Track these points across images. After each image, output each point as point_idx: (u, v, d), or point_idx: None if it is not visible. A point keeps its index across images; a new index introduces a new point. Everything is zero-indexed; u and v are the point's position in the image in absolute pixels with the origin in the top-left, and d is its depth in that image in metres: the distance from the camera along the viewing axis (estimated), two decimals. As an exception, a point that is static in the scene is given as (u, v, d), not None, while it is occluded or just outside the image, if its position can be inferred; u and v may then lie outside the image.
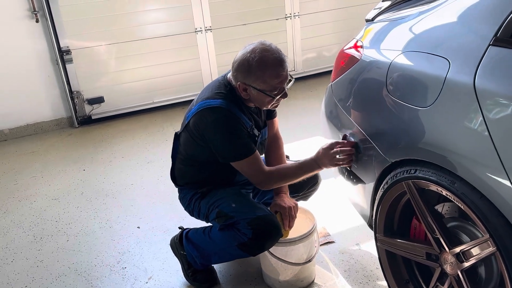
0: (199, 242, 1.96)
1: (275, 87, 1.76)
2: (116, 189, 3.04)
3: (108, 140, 3.93)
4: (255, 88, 1.76)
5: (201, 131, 1.81)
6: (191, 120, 1.84)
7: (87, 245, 2.44)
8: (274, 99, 1.80)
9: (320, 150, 1.79)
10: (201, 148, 1.86)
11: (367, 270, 2.04)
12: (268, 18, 4.69)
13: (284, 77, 1.77)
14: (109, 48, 4.21)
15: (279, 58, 1.74)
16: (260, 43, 1.77)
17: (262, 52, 1.73)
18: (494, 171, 1.18)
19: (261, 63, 1.71)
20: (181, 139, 1.96)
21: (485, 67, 1.25)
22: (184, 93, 4.60)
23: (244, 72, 1.74)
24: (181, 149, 1.98)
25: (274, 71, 1.73)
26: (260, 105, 1.86)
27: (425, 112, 1.40)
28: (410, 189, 1.50)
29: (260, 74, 1.72)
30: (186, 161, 1.96)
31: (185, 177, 2.00)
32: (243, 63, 1.74)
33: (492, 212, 1.22)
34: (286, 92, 1.81)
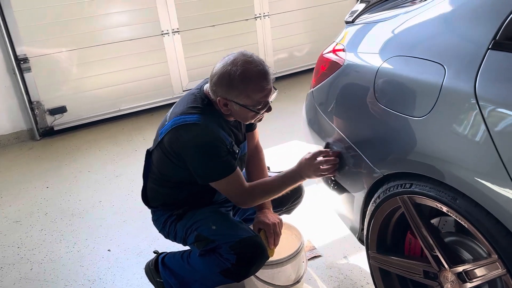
0: (177, 269, 1.80)
1: (259, 102, 1.61)
2: (83, 207, 2.83)
3: (72, 152, 3.69)
4: (237, 103, 1.60)
5: (176, 150, 1.65)
6: (165, 138, 1.67)
7: (53, 273, 2.23)
8: (258, 114, 1.65)
9: (303, 160, 1.67)
10: (176, 168, 1.70)
11: (357, 286, 1.93)
12: (237, 19, 4.54)
13: (269, 90, 1.62)
14: (70, 54, 3.97)
15: (263, 71, 1.59)
16: (241, 54, 1.61)
17: (245, 64, 1.57)
18: (501, 184, 1.07)
19: (243, 77, 1.56)
20: (154, 157, 1.80)
21: (485, 73, 1.14)
22: (152, 99, 4.40)
23: (225, 86, 1.58)
24: (154, 167, 1.81)
25: (258, 85, 1.58)
26: (243, 120, 1.72)
27: (420, 122, 1.28)
28: (405, 205, 1.39)
29: (243, 89, 1.57)
30: (160, 181, 1.80)
31: (159, 198, 1.83)
32: (223, 76, 1.58)
33: (501, 231, 1.11)
34: (270, 106, 1.67)
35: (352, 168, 1.64)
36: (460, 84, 1.19)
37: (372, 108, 1.49)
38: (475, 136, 1.13)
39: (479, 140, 1.12)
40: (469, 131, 1.15)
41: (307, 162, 1.67)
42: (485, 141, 1.10)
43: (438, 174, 1.24)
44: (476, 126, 1.13)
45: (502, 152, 1.06)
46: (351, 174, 1.66)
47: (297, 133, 3.46)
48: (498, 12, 1.17)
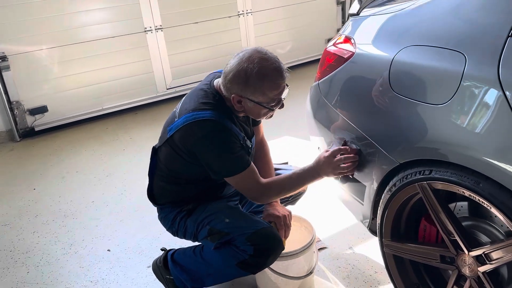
0: (189, 264, 1.77)
1: (273, 99, 1.62)
2: (75, 208, 2.75)
3: (57, 153, 3.58)
4: (252, 100, 1.60)
5: (189, 147, 1.62)
6: (176, 135, 1.64)
7: (52, 276, 2.16)
8: (271, 110, 1.66)
9: (322, 158, 1.66)
10: (188, 164, 1.68)
11: (366, 276, 1.96)
12: (220, 16, 4.52)
13: (283, 87, 1.63)
14: (51, 52, 3.85)
15: (279, 68, 1.59)
16: (256, 51, 1.60)
17: (261, 62, 1.56)
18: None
19: (260, 75, 1.55)
20: (162, 154, 1.76)
21: (507, 59, 1.17)
22: (136, 97, 4.32)
23: (242, 84, 1.57)
24: (161, 165, 1.78)
25: (274, 83, 1.58)
26: (255, 116, 1.72)
27: (441, 109, 1.31)
28: (424, 191, 1.42)
29: (259, 86, 1.57)
30: (169, 179, 1.77)
31: (168, 196, 1.80)
32: (239, 74, 1.56)
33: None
34: (283, 103, 1.67)
35: (365, 158, 1.66)
36: (482, 71, 1.22)
37: (387, 97, 1.51)
38: (500, 120, 1.17)
39: (504, 123, 1.16)
40: (493, 116, 1.18)
41: (326, 160, 1.66)
42: (510, 124, 1.14)
43: (462, 159, 1.26)
44: (501, 110, 1.16)
45: (528, 134, 1.10)
46: (364, 164, 1.68)
47: (287, 129, 3.49)
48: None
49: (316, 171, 1.67)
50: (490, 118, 1.20)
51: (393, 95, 1.48)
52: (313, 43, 5.24)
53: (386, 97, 1.52)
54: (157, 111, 4.32)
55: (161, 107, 4.38)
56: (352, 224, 2.28)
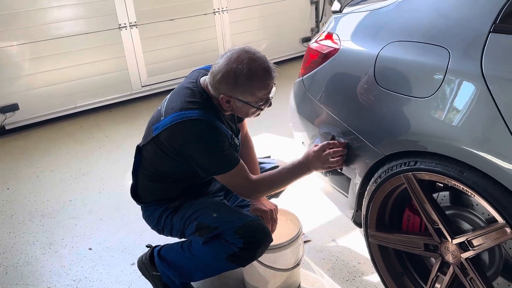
0: (177, 260, 1.77)
1: (262, 98, 1.63)
2: (52, 207, 2.69)
3: (29, 152, 3.48)
4: (241, 100, 1.60)
5: (177, 147, 1.62)
6: (163, 134, 1.62)
7: (32, 276, 2.11)
8: (259, 109, 1.67)
9: (311, 152, 1.69)
10: (176, 164, 1.67)
11: (350, 266, 2.00)
12: (196, 13, 4.49)
13: (271, 87, 1.63)
14: (22, 48, 3.73)
15: (267, 68, 1.59)
16: (245, 51, 1.59)
17: (250, 62, 1.55)
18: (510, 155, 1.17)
19: (250, 76, 1.55)
20: (146, 153, 1.74)
21: (489, 54, 1.24)
22: (110, 95, 4.26)
23: (230, 84, 1.56)
24: (146, 164, 1.76)
25: (264, 83, 1.59)
26: (244, 116, 1.73)
27: (427, 103, 1.36)
28: (410, 182, 1.47)
29: (249, 87, 1.57)
30: (155, 177, 1.75)
31: (154, 194, 1.79)
32: (228, 75, 1.55)
33: (508, 198, 1.22)
34: (271, 102, 1.69)
35: (350, 152, 1.70)
36: (466, 66, 1.28)
37: (373, 91, 1.56)
38: (483, 111, 1.23)
39: (487, 114, 1.22)
40: (477, 108, 1.25)
41: (315, 155, 1.69)
42: (494, 115, 1.20)
43: (446, 150, 1.32)
44: (485, 102, 1.22)
45: (510, 124, 1.16)
46: (349, 158, 1.72)
47: (266, 126, 3.52)
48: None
49: (306, 165, 1.70)
50: (474, 110, 1.26)
51: (379, 89, 1.53)
52: (288, 42, 5.29)
53: (371, 92, 1.57)
54: (132, 109, 4.26)
55: (136, 105, 4.33)
56: (335, 217, 2.33)
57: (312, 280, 1.94)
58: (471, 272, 1.41)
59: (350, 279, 1.93)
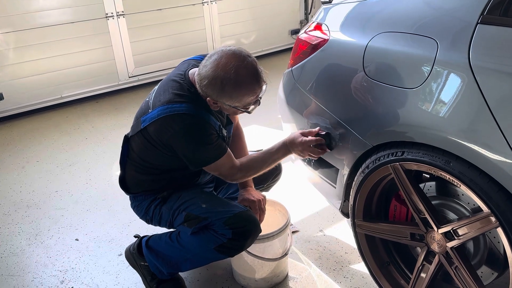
0: (165, 250, 1.76)
1: (249, 103, 1.60)
2: (38, 198, 2.65)
3: (14, 143, 3.43)
4: (229, 105, 1.58)
5: (165, 140, 1.60)
6: (151, 127, 1.61)
7: (18, 266, 2.08)
8: (248, 112, 1.65)
9: (295, 136, 1.70)
10: (164, 156, 1.66)
11: (337, 256, 2.02)
12: (184, 3, 4.45)
13: (260, 90, 1.59)
14: (6, 37, 3.66)
15: (255, 74, 1.54)
16: (234, 57, 1.51)
17: (237, 70, 1.50)
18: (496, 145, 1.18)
19: (237, 84, 1.50)
20: (134, 144, 1.72)
21: (477, 45, 1.25)
22: (97, 85, 4.21)
23: (216, 91, 1.53)
24: (134, 155, 1.74)
25: (251, 90, 1.55)
26: (232, 114, 1.74)
27: (414, 93, 1.38)
28: (397, 172, 1.49)
29: (235, 95, 1.54)
30: (143, 169, 1.74)
31: (142, 185, 1.78)
32: (215, 82, 1.51)
33: (493, 188, 1.23)
34: (259, 101, 1.65)
35: (339, 144, 1.70)
36: (454, 56, 1.29)
37: (361, 82, 1.56)
38: (470, 102, 1.24)
39: (474, 105, 1.23)
40: (464, 98, 1.26)
41: (298, 140, 1.69)
42: (481, 106, 1.21)
43: (433, 140, 1.33)
44: (472, 93, 1.23)
45: (497, 115, 1.18)
46: (337, 149, 1.73)
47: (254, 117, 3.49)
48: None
49: (287, 147, 1.71)
50: (461, 101, 1.27)
51: (367, 80, 1.53)
52: (277, 34, 5.28)
53: (360, 82, 1.57)
54: (119, 99, 4.22)
55: (123, 96, 4.29)
56: (322, 208, 2.34)
57: (299, 270, 1.96)
58: (456, 261, 1.43)
59: (337, 269, 1.95)
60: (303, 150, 1.69)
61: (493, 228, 1.28)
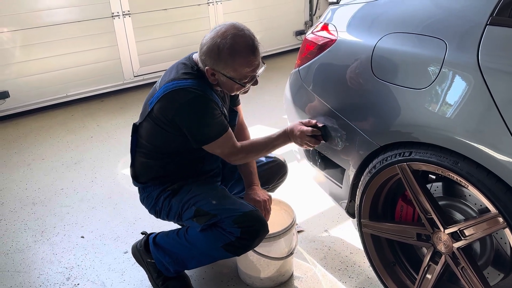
0: (172, 247, 1.77)
1: (245, 75, 1.64)
2: (44, 195, 2.67)
3: (20, 140, 3.45)
4: (224, 75, 1.62)
5: (170, 116, 1.63)
6: (156, 106, 1.65)
7: (24, 263, 2.09)
8: (243, 86, 1.68)
9: (295, 125, 1.74)
10: (170, 137, 1.69)
11: (342, 256, 2.02)
12: (189, 3, 4.47)
13: (256, 65, 1.65)
14: (13, 35, 3.68)
15: (252, 46, 1.61)
16: (233, 27, 1.61)
17: (234, 37, 1.58)
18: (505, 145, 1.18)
19: (232, 51, 1.57)
20: (143, 130, 1.76)
21: (486, 46, 1.25)
22: (102, 84, 4.23)
23: (213, 58, 1.59)
24: (142, 141, 1.77)
25: (246, 60, 1.60)
26: (229, 91, 1.74)
27: (422, 93, 1.38)
28: (404, 172, 1.49)
29: (231, 62, 1.59)
30: (150, 154, 1.77)
31: (150, 172, 1.80)
32: (212, 48, 1.58)
33: (501, 188, 1.24)
34: (257, 80, 1.70)
35: (346, 144, 1.71)
36: (463, 57, 1.30)
37: (369, 82, 1.57)
38: (479, 103, 1.25)
39: (483, 105, 1.23)
40: (473, 98, 1.26)
41: (298, 129, 1.73)
42: (489, 107, 1.21)
43: (442, 140, 1.34)
44: (480, 94, 1.24)
45: (506, 116, 1.18)
46: (345, 150, 1.73)
47: (259, 118, 3.52)
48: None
49: (287, 135, 1.75)
50: (470, 101, 1.27)
51: (375, 81, 1.54)
52: (282, 35, 5.29)
53: (368, 83, 1.58)
54: (124, 98, 4.23)
55: (128, 95, 4.30)
56: (328, 208, 2.35)
57: (305, 269, 1.96)
58: (463, 262, 1.43)
59: (342, 269, 1.95)
60: (301, 138, 1.73)
61: (500, 229, 1.29)
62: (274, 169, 2.04)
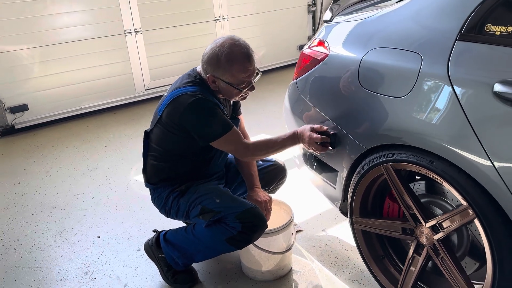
0: (181, 242, 1.95)
1: (242, 81, 1.84)
2: (62, 200, 2.87)
3: (38, 150, 3.67)
4: (223, 80, 1.83)
5: (177, 119, 1.83)
6: (164, 112, 1.86)
7: (45, 260, 2.28)
8: (241, 91, 1.87)
9: (306, 128, 1.85)
10: (177, 139, 1.88)
11: (338, 253, 2.19)
12: (197, 21, 4.71)
13: (252, 71, 1.85)
14: (32, 52, 3.94)
15: (247, 53, 1.83)
16: (229, 38, 1.84)
17: (231, 47, 1.80)
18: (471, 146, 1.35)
19: (229, 58, 1.79)
20: (153, 135, 1.95)
21: (455, 59, 1.43)
22: (115, 97, 4.45)
23: (213, 65, 1.81)
24: (153, 145, 1.97)
25: (242, 66, 1.81)
26: (229, 96, 1.93)
27: (402, 101, 1.56)
28: (388, 172, 1.66)
29: (228, 68, 1.80)
30: (160, 157, 1.96)
31: (160, 174, 1.99)
32: (212, 56, 1.81)
33: (470, 184, 1.40)
34: (253, 86, 1.90)
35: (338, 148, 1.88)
36: (435, 69, 1.48)
37: (357, 92, 1.75)
38: (450, 108, 1.42)
39: (453, 111, 1.41)
40: (444, 105, 1.44)
41: (308, 132, 1.84)
42: (458, 112, 1.39)
43: (419, 142, 1.51)
44: (450, 101, 1.41)
45: (472, 121, 1.35)
46: (337, 152, 1.91)
47: (263, 127, 3.71)
48: (463, 10, 1.47)
49: (297, 136, 1.88)
50: (442, 108, 1.45)
51: (362, 90, 1.72)
52: (286, 49, 5.51)
53: (356, 92, 1.76)
54: (135, 111, 4.45)
55: (140, 107, 4.52)
56: (325, 210, 2.51)
57: (303, 264, 2.13)
58: (442, 252, 1.60)
59: (338, 264, 2.11)
60: (309, 144, 1.86)
61: (471, 220, 1.45)
62: (274, 172, 2.22)
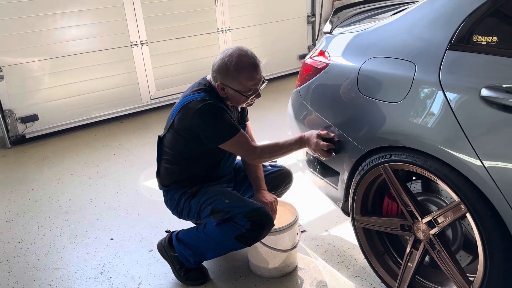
0: (192, 241, 2.07)
1: (249, 89, 1.98)
2: (75, 205, 2.99)
3: (49, 158, 3.80)
4: (232, 88, 1.96)
5: (187, 123, 1.96)
6: (176, 118, 1.99)
7: (62, 261, 2.40)
8: (248, 98, 2.01)
9: (313, 133, 1.97)
10: (188, 143, 2.00)
11: (340, 251, 2.30)
12: (201, 32, 4.87)
13: (258, 79, 1.99)
14: (42, 64, 4.08)
15: (254, 63, 1.97)
16: (238, 49, 1.98)
17: (239, 57, 1.94)
18: (462, 146, 1.48)
19: (237, 67, 1.93)
20: (166, 141, 2.09)
21: (446, 67, 1.57)
22: (122, 107, 4.59)
23: (222, 73, 1.95)
24: (166, 150, 2.09)
25: (249, 74, 1.95)
26: (236, 103, 2.06)
27: (398, 106, 1.69)
28: (386, 172, 1.79)
29: (237, 77, 1.94)
30: (173, 161, 2.09)
31: (172, 176, 2.11)
32: (221, 66, 1.95)
33: (462, 181, 1.53)
34: (260, 93, 2.04)
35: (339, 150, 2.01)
36: (428, 76, 1.61)
37: (356, 98, 1.89)
38: (441, 112, 1.55)
39: (444, 115, 1.54)
40: (437, 109, 1.57)
41: (314, 138, 1.96)
42: (449, 116, 1.52)
43: (415, 144, 1.64)
44: (442, 105, 1.54)
45: (462, 123, 1.48)
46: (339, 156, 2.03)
47: (267, 134, 3.84)
48: (452, 22, 1.61)
49: (303, 141, 2.00)
50: (435, 111, 1.58)
51: (361, 96, 1.85)
52: (286, 59, 5.67)
53: (355, 98, 1.89)
54: (141, 120, 4.59)
55: (146, 116, 4.66)
56: (328, 211, 2.63)
57: (307, 262, 2.24)
58: (438, 246, 1.71)
59: (340, 261, 2.23)
60: (315, 149, 1.98)
61: (463, 214, 1.57)
62: (281, 177, 2.35)
